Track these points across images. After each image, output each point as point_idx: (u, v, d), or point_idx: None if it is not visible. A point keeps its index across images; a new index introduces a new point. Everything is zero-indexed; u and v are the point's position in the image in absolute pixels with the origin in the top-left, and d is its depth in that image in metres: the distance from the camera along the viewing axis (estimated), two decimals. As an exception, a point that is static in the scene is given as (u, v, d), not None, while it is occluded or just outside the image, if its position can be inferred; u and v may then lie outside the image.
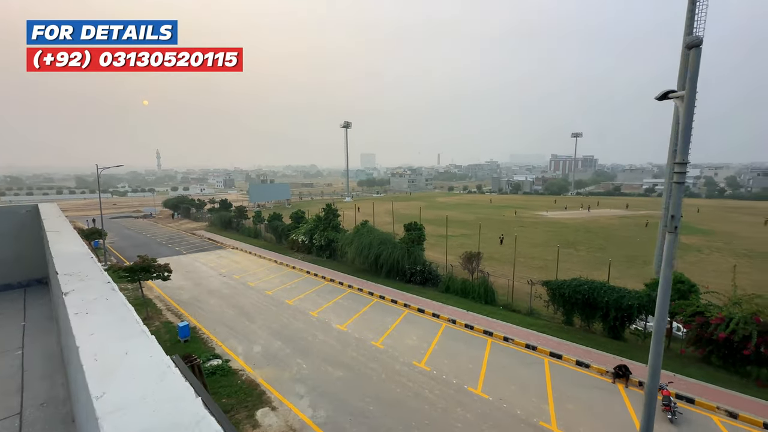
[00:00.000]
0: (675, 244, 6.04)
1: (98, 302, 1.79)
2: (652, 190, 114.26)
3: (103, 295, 1.87)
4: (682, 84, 16.54)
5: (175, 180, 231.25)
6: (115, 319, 1.64)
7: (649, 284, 15.81)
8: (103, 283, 1.99)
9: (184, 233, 45.51)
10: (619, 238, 42.30)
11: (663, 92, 5.77)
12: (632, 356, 14.13)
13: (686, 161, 5.18)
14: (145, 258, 18.50)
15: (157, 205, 74.41)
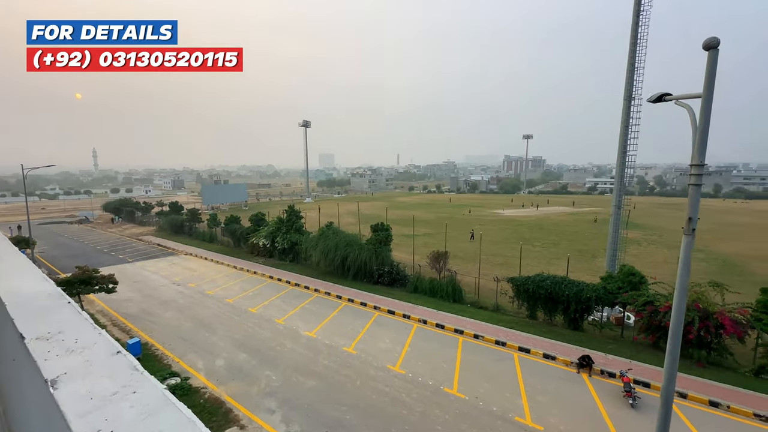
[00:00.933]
0: (691, 247, 6.00)
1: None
2: (594, 188, 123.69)
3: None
4: (628, 83, 17.85)
5: (116, 181, 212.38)
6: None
7: (605, 277, 16.90)
8: (129, 370, 1.13)
9: (129, 239, 41.73)
10: (570, 233, 45.14)
11: (658, 95, 5.97)
12: (592, 346, 14.97)
13: (703, 163, 5.36)
14: (84, 269, 16.55)
15: (95, 208, 67.70)
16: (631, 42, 17.61)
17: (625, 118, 18.10)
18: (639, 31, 17.37)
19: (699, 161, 5.63)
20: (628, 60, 17.80)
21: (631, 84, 17.75)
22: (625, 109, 18.04)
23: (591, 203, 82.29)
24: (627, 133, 18.16)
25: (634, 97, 17.75)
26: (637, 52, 17.47)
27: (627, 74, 17.86)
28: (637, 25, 17.38)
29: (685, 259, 6.08)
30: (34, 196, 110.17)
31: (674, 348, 6.62)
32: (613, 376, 12.77)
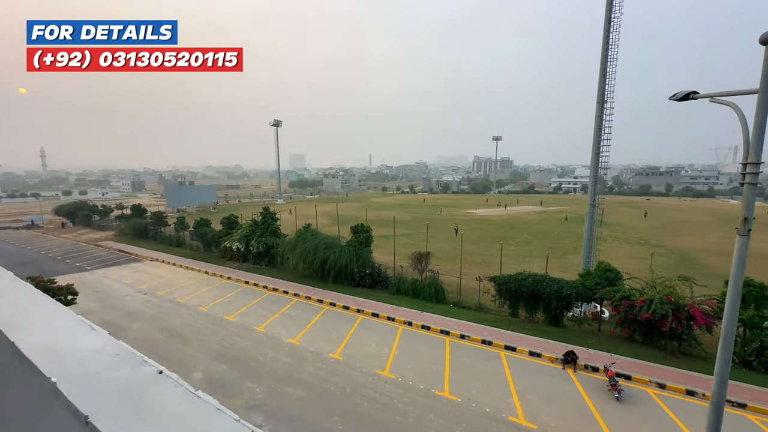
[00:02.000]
0: (747, 248, 5.63)
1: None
2: (559, 188, 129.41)
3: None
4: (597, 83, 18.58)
5: (67, 182, 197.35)
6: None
7: (583, 274, 17.47)
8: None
9: (86, 245, 38.68)
10: (540, 232, 46.72)
11: (684, 93, 6.00)
12: (574, 341, 15.39)
13: (759, 161, 5.36)
14: (38, 279, 15.00)
15: (46, 212, 62.39)
16: (603, 47, 18.32)
17: (598, 121, 18.83)
18: (610, 38, 18.12)
19: (755, 159, 5.46)
20: (600, 65, 18.50)
21: (604, 88, 18.48)
22: (598, 112, 18.76)
23: (557, 202, 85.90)
24: (600, 135, 18.90)
25: (606, 100, 18.49)
26: (609, 58, 18.20)
27: (599, 79, 18.56)
28: (609, 32, 18.12)
29: (739, 259, 5.77)
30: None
31: (726, 352, 6.08)
32: (597, 371, 13.15)
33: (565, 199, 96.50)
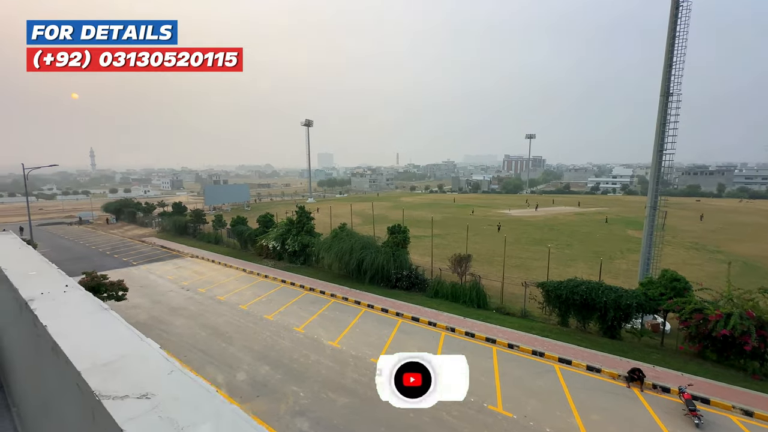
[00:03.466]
0: None
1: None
2: (596, 188, 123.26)
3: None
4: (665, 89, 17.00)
5: (113, 181, 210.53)
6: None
7: (644, 283, 16.05)
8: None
9: (132, 241, 40.63)
10: (581, 234, 44.35)
11: None
12: (635, 356, 14.10)
13: None
14: (93, 275, 15.55)
15: (95, 209, 66.45)
16: (668, 36, 16.76)
17: (661, 115, 17.27)
18: (678, 25, 16.52)
19: None
20: (665, 55, 16.95)
21: (669, 80, 16.90)
22: (662, 105, 17.20)
23: (596, 203, 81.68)
24: (664, 131, 17.32)
25: (672, 93, 16.91)
26: (675, 47, 16.62)
27: (664, 70, 17.01)
28: (676, 18, 16.53)
29: None
30: (31, 197, 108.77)
31: None
32: (668, 391, 11.90)
33: (604, 200, 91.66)
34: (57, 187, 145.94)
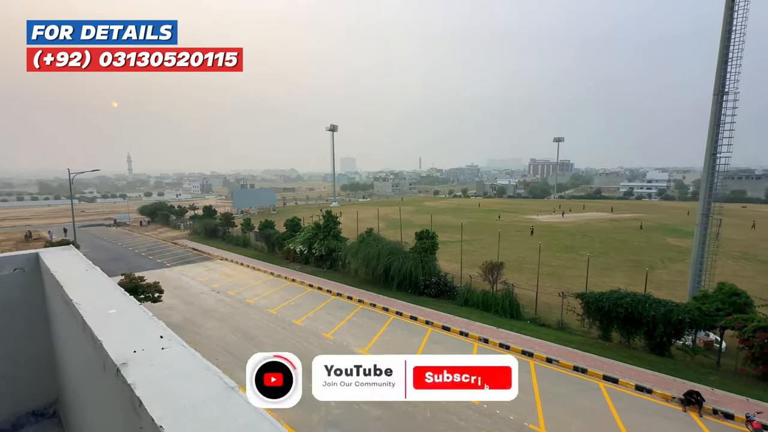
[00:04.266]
0: None
1: None
2: (630, 193, 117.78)
3: None
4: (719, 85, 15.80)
5: (148, 185, 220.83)
6: None
7: (698, 297, 14.85)
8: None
9: (165, 243, 42.12)
10: (617, 242, 42.24)
11: None
12: (689, 377, 12.99)
13: None
14: (131, 277, 16.02)
15: (131, 211, 69.67)
16: (723, 29, 15.60)
17: (715, 115, 16.05)
18: (734, 17, 15.34)
19: None
20: (719, 51, 15.77)
21: (724, 77, 15.70)
22: (716, 105, 15.99)
23: (630, 209, 77.95)
24: (717, 132, 16.08)
25: (727, 91, 15.69)
26: (731, 41, 15.43)
27: (718, 66, 15.82)
28: (732, 10, 15.36)
29: None
30: (74, 199, 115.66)
31: None
32: (731, 418, 10.82)
33: (639, 206, 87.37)
34: (97, 191, 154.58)
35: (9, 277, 2.52)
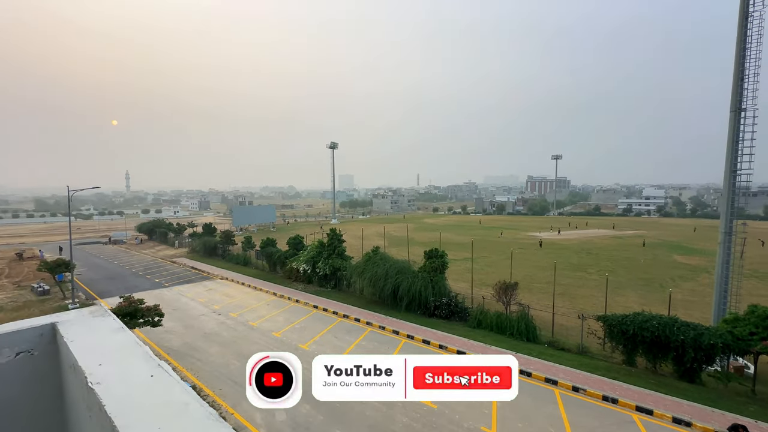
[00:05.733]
0: None
1: None
2: (629, 209, 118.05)
3: None
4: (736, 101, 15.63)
5: (146, 202, 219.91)
6: None
7: (729, 320, 14.17)
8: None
9: (163, 261, 41.12)
10: (623, 259, 41.67)
11: None
12: (726, 407, 12.15)
13: None
14: (130, 300, 15.17)
15: (128, 228, 68.66)
16: (738, 46, 15.53)
17: (733, 133, 15.79)
18: (748, 34, 15.29)
19: None
20: (735, 67, 15.67)
21: (740, 93, 15.53)
22: (733, 122, 15.75)
23: (632, 226, 77.76)
24: (736, 149, 15.79)
25: (744, 108, 15.48)
26: (746, 58, 15.33)
27: (734, 83, 15.68)
28: (746, 28, 15.33)
29: None
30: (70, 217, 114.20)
31: None
32: (782, 455, 9.99)
33: (639, 222, 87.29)
34: (94, 207, 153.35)
35: (10, 365, 1.67)
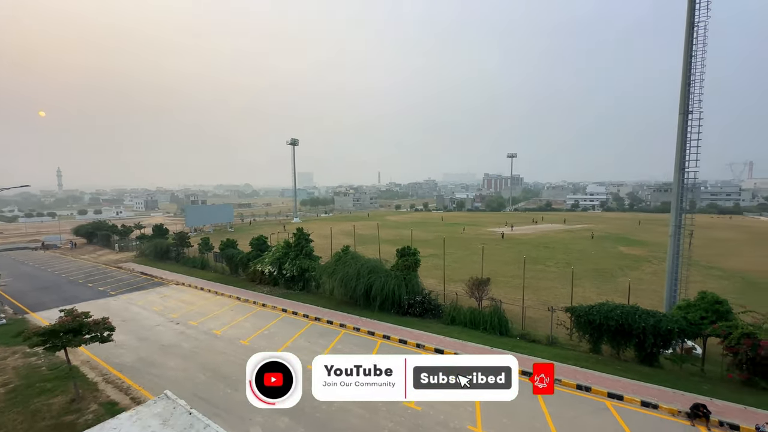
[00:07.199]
0: None
1: None
2: (576, 205, 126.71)
3: None
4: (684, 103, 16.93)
5: (82, 202, 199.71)
6: None
7: (683, 306, 15.33)
8: None
9: (107, 267, 37.31)
10: (576, 252, 44.36)
11: None
12: (686, 387, 13.11)
13: None
14: (74, 314, 13.30)
15: (64, 232, 61.74)
16: (685, 54, 16.82)
17: (681, 133, 17.12)
18: (694, 43, 16.61)
19: None
20: (682, 73, 16.96)
21: (687, 97, 16.85)
22: (681, 124, 17.08)
23: (580, 220, 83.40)
24: (684, 148, 17.14)
25: (691, 110, 16.83)
26: (692, 65, 16.65)
27: (682, 88, 16.99)
28: (692, 37, 16.63)
29: None
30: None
31: None
32: (737, 429, 10.89)
33: (586, 217, 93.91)
34: (19, 209, 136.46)
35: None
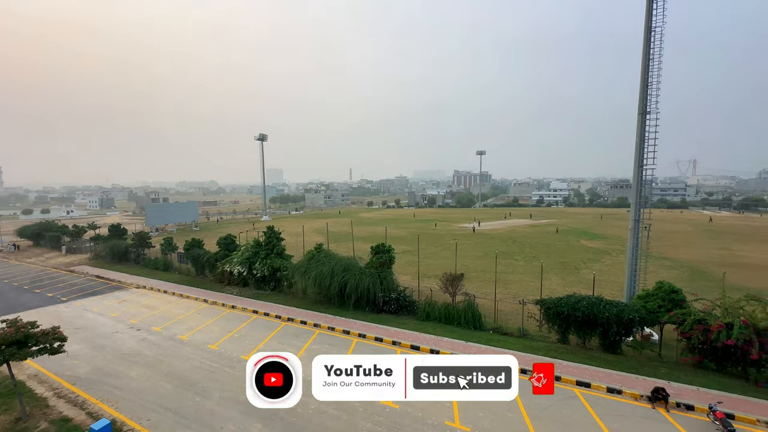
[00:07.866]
0: None
1: None
2: (541, 201, 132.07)
3: None
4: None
5: (26, 200, 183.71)
6: None
7: (642, 296, 16.24)
8: None
9: (56, 271, 34.45)
10: (542, 246, 46.14)
11: None
12: (645, 372, 13.94)
13: None
14: (18, 324, 12.04)
15: (6, 233, 56.43)
16: (643, 57, 17.73)
17: (640, 132, 18.08)
18: (651, 47, 17.54)
19: None
20: (641, 75, 17.87)
21: (645, 98, 17.80)
22: (640, 123, 18.03)
23: (545, 215, 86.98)
24: (643, 147, 18.12)
25: (649, 111, 17.79)
26: (650, 68, 17.59)
27: (641, 89, 17.90)
28: (649, 41, 17.56)
29: None
30: None
31: None
32: (692, 409, 11.67)
33: (550, 212, 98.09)
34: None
35: None
